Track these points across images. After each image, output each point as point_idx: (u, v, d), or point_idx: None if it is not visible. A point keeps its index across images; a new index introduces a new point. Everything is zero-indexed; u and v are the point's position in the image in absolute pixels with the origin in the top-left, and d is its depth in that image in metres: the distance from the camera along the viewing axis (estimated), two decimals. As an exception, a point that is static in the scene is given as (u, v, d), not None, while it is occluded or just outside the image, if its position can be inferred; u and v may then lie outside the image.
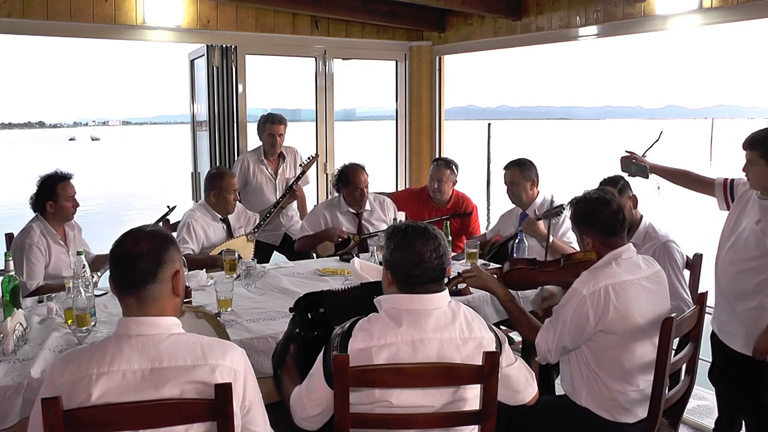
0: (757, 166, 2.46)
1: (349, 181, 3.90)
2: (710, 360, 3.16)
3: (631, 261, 2.26)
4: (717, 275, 2.67)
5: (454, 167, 4.25)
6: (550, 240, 3.32)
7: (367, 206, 4.00)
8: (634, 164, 2.91)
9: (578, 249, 2.45)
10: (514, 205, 3.83)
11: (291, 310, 2.19)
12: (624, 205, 3.00)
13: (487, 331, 1.80)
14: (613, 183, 2.99)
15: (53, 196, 3.19)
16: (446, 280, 2.84)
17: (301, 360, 2.00)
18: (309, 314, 2.11)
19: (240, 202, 4.37)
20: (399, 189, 5.50)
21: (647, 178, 2.92)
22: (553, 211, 3.34)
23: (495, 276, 2.54)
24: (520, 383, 1.93)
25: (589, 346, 2.21)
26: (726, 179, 2.78)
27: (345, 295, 2.22)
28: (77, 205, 3.28)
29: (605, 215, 2.27)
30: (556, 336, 2.21)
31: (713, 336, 2.73)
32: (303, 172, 4.28)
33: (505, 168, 3.75)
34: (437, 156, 5.60)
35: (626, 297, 2.16)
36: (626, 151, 3.15)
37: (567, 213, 2.97)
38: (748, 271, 2.50)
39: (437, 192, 4.23)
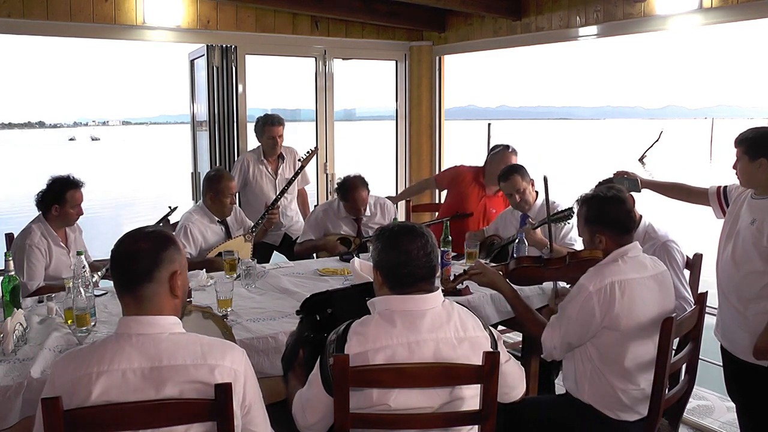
0: (741, 162, 2.52)
1: (348, 197, 3.90)
2: (710, 360, 3.16)
3: (637, 260, 2.26)
4: (718, 280, 2.64)
5: None
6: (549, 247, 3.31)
7: (367, 212, 4.00)
8: (626, 179, 2.96)
9: (582, 249, 2.45)
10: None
11: (298, 312, 2.17)
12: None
13: (482, 330, 1.81)
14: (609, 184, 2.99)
15: (61, 200, 3.18)
16: (451, 276, 2.84)
17: (312, 363, 2.00)
18: (317, 316, 2.09)
19: (240, 202, 4.37)
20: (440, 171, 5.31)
21: (639, 191, 2.96)
22: (557, 216, 3.32)
23: (500, 273, 2.54)
24: (514, 380, 1.94)
25: (593, 341, 2.21)
26: (719, 187, 2.78)
27: (351, 292, 2.19)
28: (81, 213, 3.27)
29: (620, 214, 2.27)
30: (561, 332, 2.22)
31: (722, 348, 2.69)
32: (302, 167, 4.29)
33: (504, 179, 3.67)
34: (438, 157, 5.61)
35: (631, 295, 2.17)
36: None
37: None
38: (751, 275, 2.47)
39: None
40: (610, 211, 2.27)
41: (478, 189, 4.25)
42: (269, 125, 4.42)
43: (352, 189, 3.90)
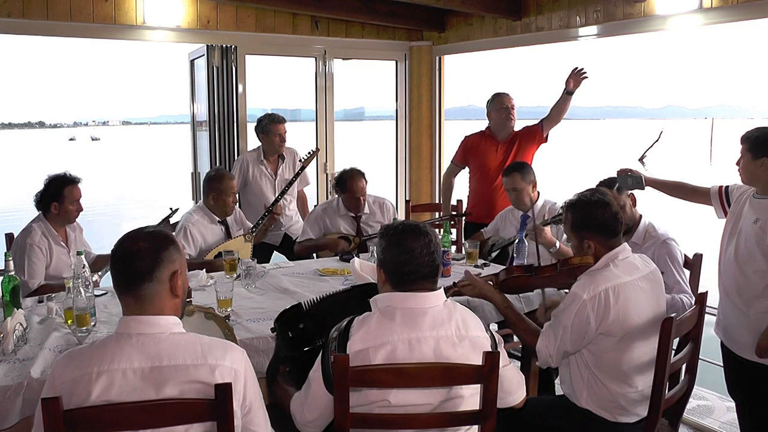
0: (744, 159, 2.55)
1: (347, 188, 3.90)
2: (710, 360, 3.16)
3: (628, 261, 2.25)
4: (721, 279, 2.64)
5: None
6: (557, 246, 3.31)
7: (366, 209, 4.00)
8: (629, 177, 2.97)
9: (573, 255, 2.43)
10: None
11: (272, 330, 2.16)
12: (624, 203, 3.01)
13: (483, 331, 1.81)
14: (611, 183, 3.00)
15: (59, 198, 3.18)
16: (442, 288, 2.84)
17: (296, 377, 1.99)
18: (289, 333, 2.08)
19: (240, 202, 4.37)
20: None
21: (643, 189, 2.97)
22: (555, 218, 3.32)
23: (490, 283, 2.52)
24: (512, 385, 1.94)
25: (589, 348, 2.20)
26: (721, 187, 2.79)
27: (325, 303, 2.17)
28: (81, 209, 3.27)
29: (607, 217, 2.24)
30: (557, 341, 2.19)
31: (723, 345, 2.70)
32: (303, 167, 4.29)
33: (504, 175, 3.72)
34: (438, 157, 5.62)
35: (625, 299, 2.16)
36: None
37: None
38: (753, 274, 2.48)
39: (511, 120, 4.41)
40: (596, 215, 2.24)
41: (491, 141, 4.46)
42: (276, 123, 4.43)
43: (349, 179, 3.89)
